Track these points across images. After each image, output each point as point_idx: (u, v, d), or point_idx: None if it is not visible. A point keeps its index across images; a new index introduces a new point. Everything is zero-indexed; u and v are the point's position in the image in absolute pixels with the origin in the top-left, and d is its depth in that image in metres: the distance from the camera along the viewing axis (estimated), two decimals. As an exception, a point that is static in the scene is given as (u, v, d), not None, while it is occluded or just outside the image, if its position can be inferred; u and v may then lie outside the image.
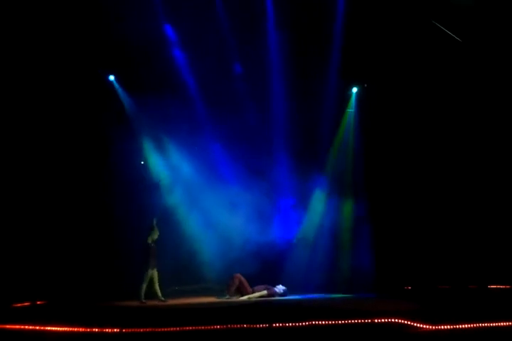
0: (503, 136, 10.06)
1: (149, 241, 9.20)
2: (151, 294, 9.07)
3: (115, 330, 6.05)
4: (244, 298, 9.28)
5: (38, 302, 9.07)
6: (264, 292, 9.39)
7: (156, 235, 9.28)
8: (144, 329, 6.03)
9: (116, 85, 10.70)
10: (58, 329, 6.24)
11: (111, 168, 10.18)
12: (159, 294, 9.03)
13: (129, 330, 6.06)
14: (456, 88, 10.19)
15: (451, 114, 10.28)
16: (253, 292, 9.39)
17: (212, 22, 10.11)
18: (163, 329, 6.00)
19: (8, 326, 6.41)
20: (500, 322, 5.94)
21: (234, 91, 10.50)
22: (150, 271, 9.01)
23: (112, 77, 10.70)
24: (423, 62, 10.16)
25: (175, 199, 10.57)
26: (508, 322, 5.92)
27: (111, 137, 10.18)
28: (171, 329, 6.01)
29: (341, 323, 6.07)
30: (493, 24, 9.46)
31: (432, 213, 10.26)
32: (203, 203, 10.57)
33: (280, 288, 9.55)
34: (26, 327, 6.35)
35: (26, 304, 8.87)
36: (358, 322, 6.08)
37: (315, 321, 6.07)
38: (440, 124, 10.36)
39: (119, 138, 10.17)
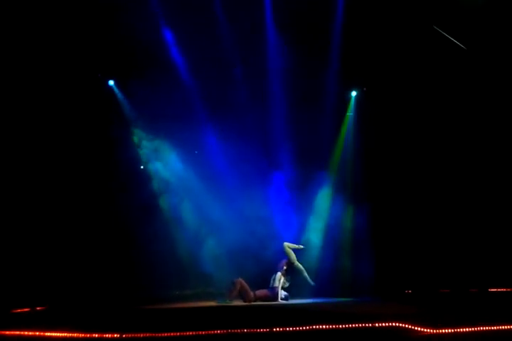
0: (505, 142, 10.05)
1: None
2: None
3: (115, 336, 6.03)
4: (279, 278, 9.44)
5: (38, 308, 9.03)
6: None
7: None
8: (144, 335, 6.01)
9: (115, 90, 10.74)
10: (58, 335, 6.21)
11: (112, 170, 10.26)
12: None
13: (129, 335, 6.03)
14: (456, 92, 10.20)
15: (452, 118, 10.29)
16: (255, 296, 9.36)
17: (210, 24, 10.12)
18: (163, 335, 5.98)
19: (7, 332, 6.38)
20: (502, 325, 5.93)
21: (233, 93, 10.49)
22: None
23: (111, 82, 10.75)
24: (423, 66, 10.17)
25: (174, 200, 10.59)
26: (510, 325, 5.91)
27: (112, 141, 10.24)
28: (171, 334, 6.00)
29: (342, 327, 6.05)
30: (496, 29, 9.47)
31: (433, 216, 10.26)
32: (203, 205, 10.57)
33: (281, 294, 9.53)
34: (26, 333, 6.32)
35: (26, 310, 8.84)
36: (359, 326, 6.06)
37: (316, 325, 6.05)
38: (440, 128, 10.37)
39: (120, 143, 10.25)
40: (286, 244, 9.88)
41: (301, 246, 9.94)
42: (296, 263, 9.72)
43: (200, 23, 10.02)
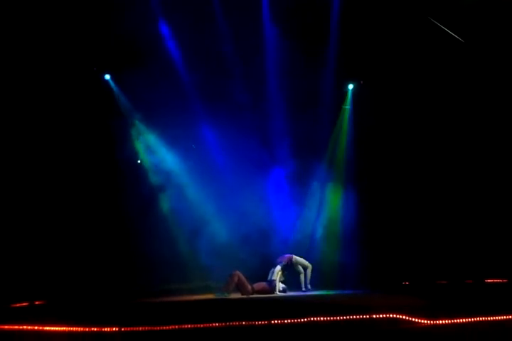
0: (500, 133, 10.07)
1: None
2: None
3: (114, 329, 6.05)
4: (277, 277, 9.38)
5: (37, 303, 9.06)
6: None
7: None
8: (143, 328, 6.03)
9: (111, 84, 10.70)
10: (57, 329, 6.23)
11: (110, 164, 10.25)
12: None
13: (128, 329, 6.06)
14: (453, 85, 10.19)
15: (449, 110, 10.29)
16: (253, 289, 9.39)
17: (208, 18, 10.10)
18: (161, 328, 6.01)
19: (6, 326, 6.40)
20: (498, 315, 5.98)
21: (231, 87, 10.46)
22: None
23: (107, 76, 10.70)
24: (420, 58, 10.16)
25: (172, 194, 10.59)
26: (506, 315, 5.96)
27: (109, 135, 10.22)
28: (170, 327, 6.02)
29: (340, 319, 6.08)
30: (493, 21, 9.45)
31: (429, 208, 10.30)
32: (201, 199, 10.57)
33: (280, 286, 9.55)
34: (25, 327, 6.33)
35: (24, 304, 8.86)
36: (356, 317, 6.09)
37: (314, 317, 6.09)
38: (437, 120, 10.38)
39: (117, 137, 10.23)
40: (310, 267, 9.76)
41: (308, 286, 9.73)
42: (298, 266, 9.73)
43: (198, 16, 9.99)
